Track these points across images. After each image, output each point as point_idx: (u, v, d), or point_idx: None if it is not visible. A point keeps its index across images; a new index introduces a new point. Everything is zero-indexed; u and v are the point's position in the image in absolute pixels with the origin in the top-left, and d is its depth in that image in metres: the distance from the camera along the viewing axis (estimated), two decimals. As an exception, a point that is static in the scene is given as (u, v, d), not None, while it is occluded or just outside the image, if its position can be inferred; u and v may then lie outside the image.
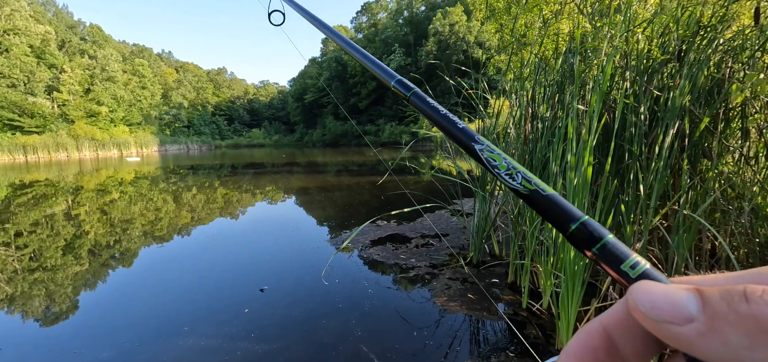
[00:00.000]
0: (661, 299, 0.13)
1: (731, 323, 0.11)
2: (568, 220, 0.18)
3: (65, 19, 51.08)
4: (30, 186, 10.79)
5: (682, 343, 0.12)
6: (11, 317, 2.60)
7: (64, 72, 39.36)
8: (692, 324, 0.12)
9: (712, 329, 0.11)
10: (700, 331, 0.12)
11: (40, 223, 5.61)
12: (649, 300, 0.13)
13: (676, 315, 0.12)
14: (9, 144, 29.66)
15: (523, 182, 0.20)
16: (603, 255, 0.16)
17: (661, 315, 0.12)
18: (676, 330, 0.12)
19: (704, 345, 0.12)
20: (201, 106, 65.05)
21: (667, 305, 0.12)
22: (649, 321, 0.13)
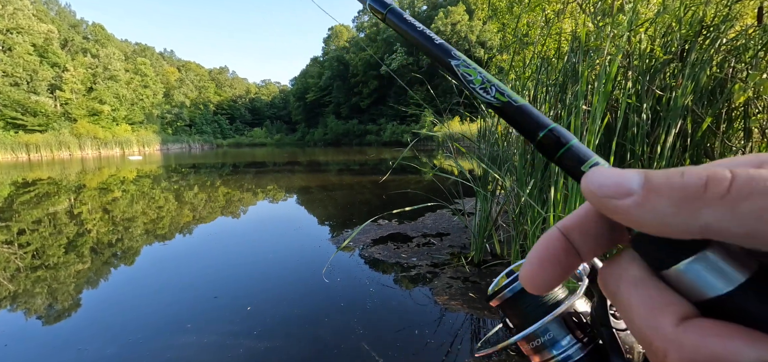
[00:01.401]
0: (609, 178, 0.14)
1: (662, 194, 0.12)
2: (537, 128, 0.18)
3: (68, 18, 51.24)
4: (33, 184, 10.84)
5: (620, 214, 0.13)
6: (15, 314, 2.62)
7: (67, 71, 39.51)
8: (631, 197, 0.13)
9: (647, 199, 0.13)
10: (637, 202, 0.13)
11: (43, 221, 5.63)
12: (599, 179, 0.14)
13: (619, 190, 0.13)
14: (12, 142, 29.79)
15: (497, 94, 0.20)
16: (568, 157, 0.17)
17: (606, 191, 0.14)
18: (616, 203, 0.13)
19: (638, 215, 0.13)
20: (203, 104, 65.18)
21: (614, 183, 0.14)
22: (596, 199, 0.14)
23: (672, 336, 0.13)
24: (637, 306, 0.14)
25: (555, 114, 2.47)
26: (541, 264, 0.16)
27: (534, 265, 0.17)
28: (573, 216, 0.17)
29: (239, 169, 14.66)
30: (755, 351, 0.11)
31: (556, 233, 0.17)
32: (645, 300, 0.14)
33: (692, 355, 0.12)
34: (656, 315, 0.13)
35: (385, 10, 0.27)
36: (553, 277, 0.16)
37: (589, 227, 0.16)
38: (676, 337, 0.12)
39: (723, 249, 0.13)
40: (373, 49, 48.25)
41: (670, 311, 0.13)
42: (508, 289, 0.28)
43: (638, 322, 0.14)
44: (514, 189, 2.79)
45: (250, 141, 64.72)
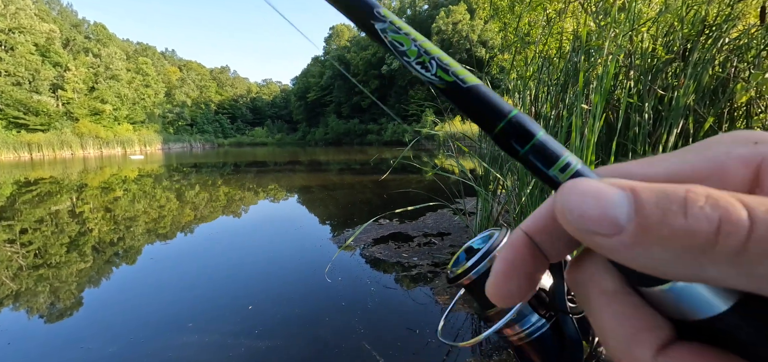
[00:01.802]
0: (591, 205, 0.11)
1: (661, 238, 0.10)
2: (494, 117, 0.14)
3: (70, 18, 51.37)
4: (35, 183, 10.88)
5: (604, 252, 0.12)
6: (18, 312, 2.63)
7: (69, 70, 39.62)
8: (619, 236, 0.11)
9: (639, 242, 0.10)
10: (626, 244, 0.11)
11: (46, 220, 5.65)
12: (579, 207, 0.12)
13: (604, 225, 0.11)
14: (14, 142, 29.91)
15: (439, 73, 0.15)
16: (534, 155, 0.14)
17: (588, 226, 0.11)
18: (599, 241, 0.11)
19: (627, 257, 0.11)
20: (204, 104, 65.29)
21: (597, 214, 0.11)
22: (575, 231, 0.12)
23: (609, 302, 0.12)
24: (610, 326, 0.12)
25: (557, 113, 2.47)
26: (507, 278, 0.15)
27: (500, 279, 0.15)
28: (539, 216, 0.15)
29: (240, 169, 14.68)
30: None
31: (521, 238, 0.15)
32: (620, 320, 0.12)
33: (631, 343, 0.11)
34: (633, 342, 0.12)
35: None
36: (522, 289, 0.15)
37: (554, 229, 0.14)
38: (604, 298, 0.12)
39: None
40: (372, 50, 48.24)
41: (649, 338, 0.12)
42: (474, 271, 0.27)
43: (613, 345, 0.12)
44: (516, 189, 2.79)
45: (252, 140, 64.81)
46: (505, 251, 0.15)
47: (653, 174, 0.12)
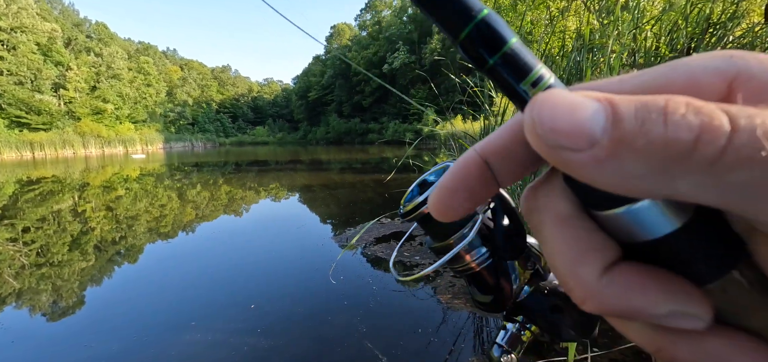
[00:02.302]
0: (564, 118, 0.10)
1: (637, 149, 0.10)
2: (461, 19, 0.12)
3: (71, 17, 51.48)
4: (37, 182, 10.91)
5: (572, 170, 0.11)
6: (22, 311, 2.64)
7: (70, 69, 39.72)
8: (592, 149, 0.10)
9: (613, 155, 0.10)
10: (598, 158, 0.10)
11: (48, 219, 5.67)
12: (551, 120, 0.10)
13: (577, 139, 0.10)
14: (16, 141, 30.01)
15: None
16: (503, 66, 0.12)
17: (559, 140, 0.10)
18: (569, 156, 0.10)
19: (596, 174, 0.10)
20: (205, 103, 65.39)
21: (570, 125, 0.10)
22: (542, 146, 0.11)
23: (593, 286, 0.12)
24: (560, 249, 0.13)
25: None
26: (452, 194, 0.14)
27: (444, 193, 0.14)
28: (495, 138, 0.14)
29: (242, 168, 14.70)
30: (669, 305, 0.11)
31: (473, 157, 0.14)
32: (569, 243, 0.12)
33: (609, 307, 0.12)
34: (580, 263, 0.12)
35: None
36: (463, 207, 0.15)
37: (515, 152, 0.14)
38: (598, 289, 0.12)
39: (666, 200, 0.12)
40: (374, 48, 48.21)
41: (595, 258, 0.12)
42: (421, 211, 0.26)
43: (560, 267, 0.13)
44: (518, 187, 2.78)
45: (253, 139, 64.87)
46: (454, 166, 0.15)
47: (628, 88, 0.12)
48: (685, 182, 0.09)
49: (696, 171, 0.09)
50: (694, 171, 0.09)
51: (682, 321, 0.11)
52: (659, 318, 0.11)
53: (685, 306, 0.11)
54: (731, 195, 0.09)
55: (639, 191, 0.10)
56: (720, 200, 0.09)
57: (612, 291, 0.11)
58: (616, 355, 1.81)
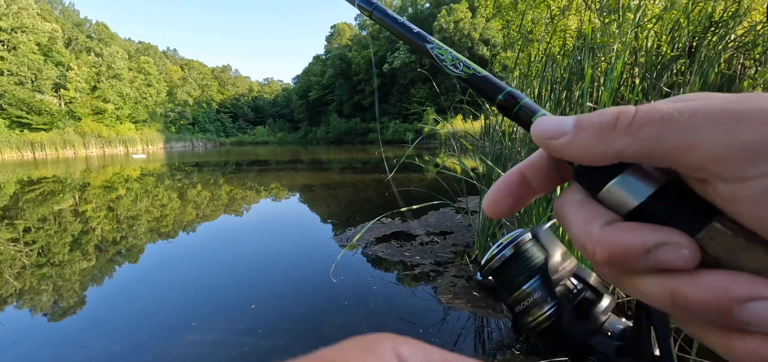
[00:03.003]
0: (550, 123, 0.18)
1: (586, 130, 0.16)
2: (496, 92, 0.22)
3: (72, 17, 51.52)
4: (38, 182, 10.92)
5: (557, 150, 0.17)
6: (22, 311, 2.64)
7: (71, 69, 39.74)
8: (565, 135, 0.17)
9: (576, 136, 0.16)
10: (569, 139, 0.17)
11: (49, 219, 5.67)
12: (543, 125, 0.18)
13: (556, 132, 0.17)
14: (17, 141, 30.04)
15: (464, 69, 0.24)
16: (522, 112, 0.21)
17: (548, 134, 0.18)
18: (554, 142, 0.17)
19: (569, 149, 0.17)
20: (206, 103, 65.42)
21: (553, 126, 0.18)
22: (541, 140, 0.18)
23: (598, 235, 0.16)
24: (575, 220, 0.17)
25: (560, 112, 2.45)
26: (500, 194, 0.20)
27: (493, 194, 0.21)
28: (529, 158, 0.21)
29: (242, 167, 14.70)
30: (655, 236, 0.14)
31: (515, 170, 0.21)
32: (582, 214, 0.17)
33: (612, 246, 0.15)
34: (588, 224, 0.17)
35: (372, 7, 0.32)
36: (509, 205, 0.20)
37: (541, 165, 0.20)
38: (601, 236, 0.16)
39: (638, 170, 0.16)
40: (375, 47, 48.16)
41: (598, 219, 0.16)
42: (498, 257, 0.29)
43: (576, 231, 0.17)
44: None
45: (253, 139, 64.89)
46: (501, 178, 0.21)
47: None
48: (618, 141, 0.15)
49: (620, 134, 0.15)
50: (619, 134, 0.15)
51: (671, 251, 0.14)
52: (652, 253, 0.14)
53: (670, 237, 0.14)
54: (644, 145, 0.14)
55: (595, 154, 0.16)
56: (640, 151, 0.15)
57: (611, 235, 0.15)
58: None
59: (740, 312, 0.13)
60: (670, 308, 0.15)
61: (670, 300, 0.15)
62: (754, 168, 0.13)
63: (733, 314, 0.13)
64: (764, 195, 0.13)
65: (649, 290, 0.15)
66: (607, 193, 0.17)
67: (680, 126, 0.14)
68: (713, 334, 0.15)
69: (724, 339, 0.14)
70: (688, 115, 0.14)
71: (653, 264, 0.15)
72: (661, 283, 0.15)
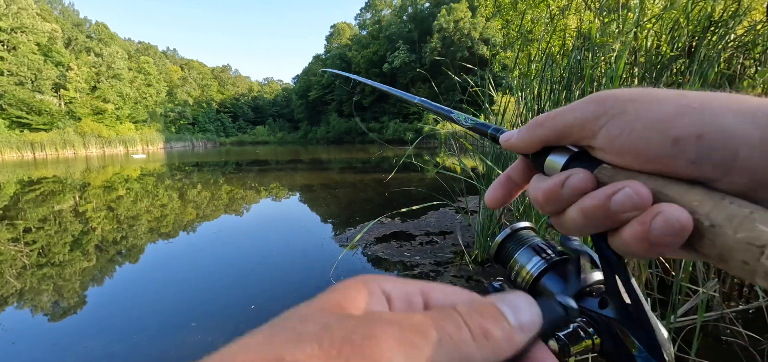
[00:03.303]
0: (509, 132, 0.29)
1: (523, 131, 0.27)
2: (487, 129, 0.32)
3: (71, 17, 51.51)
4: (38, 182, 10.92)
5: (514, 148, 0.28)
6: (23, 311, 2.64)
7: (71, 69, 39.72)
8: (513, 137, 0.28)
9: (519, 136, 0.27)
10: (516, 138, 0.28)
11: (49, 219, 5.67)
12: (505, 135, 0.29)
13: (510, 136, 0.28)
14: (17, 141, 30.04)
15: (472, 121, 0.35)
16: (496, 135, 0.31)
17: (505, 138, 0.29)
18: (510, 142, 0.28)
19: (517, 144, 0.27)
20: (206, 103, 65.39)
21: (509, 133, 0.29)
22: (504, 144, 0.29)
23: (539, 185, 0.24)
24: (532, 188, 0.26)
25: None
26: (494, 189, 0.30)
27: (491, 191, 0.30)
28: (512, 165, 0.30)
29: (242, 167, 14.70)
30: (567, 173, 0.23)
31: (504, 173, 0.30)
32: (536, 183, 0.25)
33: (546, 188, 0.24)
34: (537, 184, 0.25)
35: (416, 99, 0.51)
36: (502, 196, 0.30)
37: (518, 167, 0.29)
38: (541, 185, 0.24)
39: (560, 148, 0.25)
40: (375, 46, 48.15)
41: (542, 180, 0.25)
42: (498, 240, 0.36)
43: (532, 194, 0.25)
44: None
45: (253, 139, 64.86)
46: (497, 178, 0.30)
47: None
48: (538, 132, 0.25)
49: (538, 128, 0.25)
50: (538, 128, 0.25)
51: (575, 176, 0.22)
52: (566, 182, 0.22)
53: (575, 171, 0.23)
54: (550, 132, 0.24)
55: (531, 142, 0.26)
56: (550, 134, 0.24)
57: (545, 182, 0.24)
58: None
59: (611, 205, 0.20)
60: (584, 220, 0.22)
61: (581, 215, 0.22)
62: (597, 123, 0.22)
63: (609, 208, 0.20)
64: (607, 138, 0.21)
65: (572, 214, 0.23)
66: (547, 167, 0.25)
67: (564, 114, 0.23)
68: (617, 237, 0.21)
69: (620, 236, 0.21)
70: (569, 107, 0.23)
71: (569, 191, 0.22)
72: (576, 207, 0.22)
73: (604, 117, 0.21)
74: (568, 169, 0.23)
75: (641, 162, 0.20)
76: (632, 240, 0.20)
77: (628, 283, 0.23)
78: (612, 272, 0.24)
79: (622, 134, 0.21)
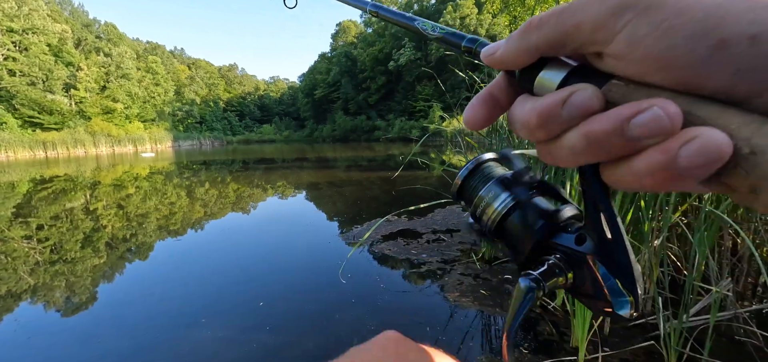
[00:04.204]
0: (491, 46, 0.24)
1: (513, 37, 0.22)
2: (460, 41, 0.28)
3: (81, 18, 52.20)
4: (50, 181, 11.12)
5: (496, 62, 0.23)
6: (36, 307, 2.69)
7: (81, 69, 40.32)
8: (499, 48, 0.23)
9: (506, 45, 0.22)
10: (502, 50, 0.22)
11: (61, 217, 5.78)
12: (486, 49, 0.24)
13: (493, 48, 0.23)
14: (30, 140, 30.59)
15: (440, 31, 0.31)
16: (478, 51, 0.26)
17: (488, 52, 0.24)
18: (494, 57, 0.23)
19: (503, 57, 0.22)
20: (213, 102, 65.90)
21: (492, 46, 0.24)
22: (486, 59, 0.24)
23: (531, 107, 0.20)
24: (517, 111, 0.22)
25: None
26: (474, 108, 0.25)
27: (469, 109, 0.25)
28: (493, 80, 0.25)
29: (249, 166, 14.80)
30: (569, 89, 0.19)
31: (484, 90, 0.25)
32: (522, 104, 0.22)
33: (540, 109, 0.20)
34: (525, 105, 0.21)
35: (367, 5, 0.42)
36: (483, 116, 0.25)
37: (501, 83, 0.24)
38: (533, 106, 0.20)
39: (555, 61, 0.21)
40: (380, 44, 48.03)
41: (533, 101, 0.21)
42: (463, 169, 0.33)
43: (517, 117, 0.22)
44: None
45: (260, 137, 65.21)
46: (476, 96, 0.25)
47: None
48: (533, 36, 0.20)
49: (534, 30, 0.20)
50: (533, 31, 0.20)
51: (580, 93, 0.18)
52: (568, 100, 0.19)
53: (579, 86, 0.19)
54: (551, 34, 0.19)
55: (520, 52, 0.21)
56: (549, 38, 0.20)
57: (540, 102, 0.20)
58: (628, 355, 1.78)
59: (630, 128, 0.16)
60: (586, 147, 0.18)
61: (584, 141, 0.18)
62: (618, 22, 0.17)
63: (626, 132, 0.17)
64: (628, 42, 0.17)
65: (571, 141, 0.19)
66: (538, 85, 0.21)
67: (572, 11, 0.18)
68: (623, 168, 0.18)
69: (629, 166, 0.17)
70: (577, 2, 0.18)
71: (571, 112, 0.18)
72: (578, 130, 0.18)
73: (629, 12, 0.17)
74: (566, 86, 0.20)
75: (669, 74, 0.16)
76: (647, 171, 0.17)
77: (613, 218, 0.22)
78: (595, 206, 0.22)
79: (650, 36, 0.16)
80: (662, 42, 0.16)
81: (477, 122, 0.25)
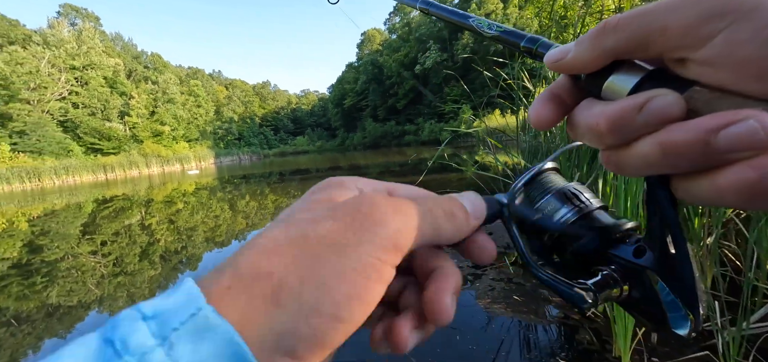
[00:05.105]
0: (558, 49, 0.23)
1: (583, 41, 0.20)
2: (520, 40, 0.28)
3: (131, 51, 57.11)
4: (110, 201, 12.23)
5: (563, 67, 0.22)
6: (102, 316, 2.99)
7: (133, 97, 44.09)
8: (569, 53, 0.21)
9: (576, 50, 0.21)
10: (571, 55, 0.21)
11: (121, 233, 6.35)
12: (552, 53, 0.23)
13: (561, 54, 0.22)
14: (92, 165, 33.77)
15: (496, 28, 0.30)
16: (539, 52, 0.26)
17: (554, 57, 0.23)
18: (561, 63, 0.22)
19: (572, 63, 0.21)
20: (249, 118, 69.28)
21: (559, 50, 0.22)
22: (552, 64, 0.23)
23: (600, 111, 0.19)
24: (582, 115, 0.21)
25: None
26: (538, 107, 0.24)
27: (534, 108, 0.24)
28: (557, 81, 0.25)
29: (285, 177, 15.37)
30: (646, 94, 0.17)
31: (547, 91, 0.24)
32: (588, 107, 0.21)
33: (611, 113, 0.19)
34: (592, 110, 0.20)
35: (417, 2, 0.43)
36: (548, 114, 0.23)
37: (564, 83, 0.23)
38: (603, 110, 0.19)
39: (628, 64, 0.19)
40: (406, 49, 48.11)
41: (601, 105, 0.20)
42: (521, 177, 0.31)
43: (582, 121, 0.21)
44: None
45: (294, 149, 67.47)
46: (539, 95, 0.24)
47: None
48: (608, 40, 0.19)
49: (610, 33, 0.19)
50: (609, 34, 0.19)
51: (660, 100, 0.17)
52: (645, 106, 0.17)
53: (658, 92, 0.17)
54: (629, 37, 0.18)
55: (592, 57, 0.20)
56: (626, 41, 0.18)
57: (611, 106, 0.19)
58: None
59: (718, 140, 0.15)
60: (662, 157, 0.17)
61: (661, 151, 0.17)
62: (714, 25, 0.15)
63: (712, 144, 0.15)
64: (724, 46, 0.15)
65: (643, 149, 0.18)
66: (607, 90, 0.20)
67: (656, 13, 0.17)
68: (702, 181, 0.17)
69: (711, 181, 0.16)
70: (662, 4, 0.17)
71: (647, 117, 0.17)
72: (653, 138, 0.17)
73: (727, 17, 0.15)
74: (639, 91, 0.18)
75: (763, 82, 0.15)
76: (733, 187, 0.15)
77: (680, 233, 0.20)
78: (662, 219, 0.21)
79: (752, 42, 0.15)
80: (765, 48, 0.15)
81: (543, 122, 0.24)
